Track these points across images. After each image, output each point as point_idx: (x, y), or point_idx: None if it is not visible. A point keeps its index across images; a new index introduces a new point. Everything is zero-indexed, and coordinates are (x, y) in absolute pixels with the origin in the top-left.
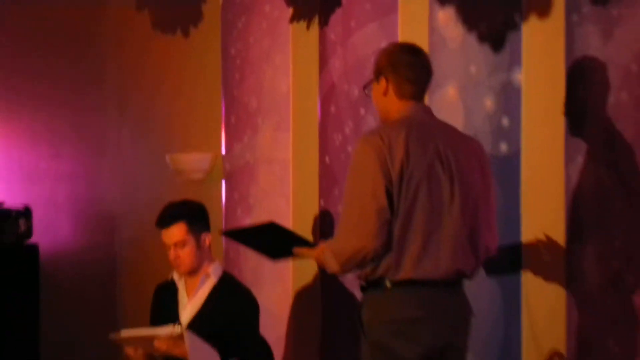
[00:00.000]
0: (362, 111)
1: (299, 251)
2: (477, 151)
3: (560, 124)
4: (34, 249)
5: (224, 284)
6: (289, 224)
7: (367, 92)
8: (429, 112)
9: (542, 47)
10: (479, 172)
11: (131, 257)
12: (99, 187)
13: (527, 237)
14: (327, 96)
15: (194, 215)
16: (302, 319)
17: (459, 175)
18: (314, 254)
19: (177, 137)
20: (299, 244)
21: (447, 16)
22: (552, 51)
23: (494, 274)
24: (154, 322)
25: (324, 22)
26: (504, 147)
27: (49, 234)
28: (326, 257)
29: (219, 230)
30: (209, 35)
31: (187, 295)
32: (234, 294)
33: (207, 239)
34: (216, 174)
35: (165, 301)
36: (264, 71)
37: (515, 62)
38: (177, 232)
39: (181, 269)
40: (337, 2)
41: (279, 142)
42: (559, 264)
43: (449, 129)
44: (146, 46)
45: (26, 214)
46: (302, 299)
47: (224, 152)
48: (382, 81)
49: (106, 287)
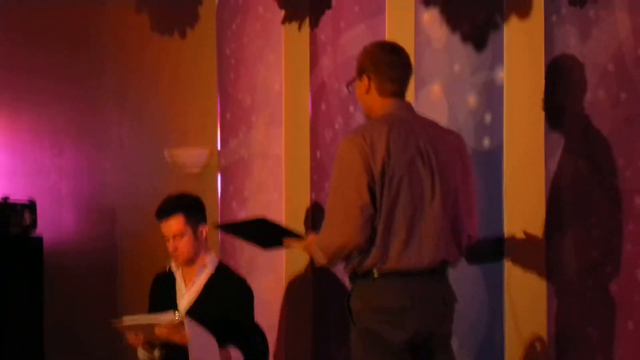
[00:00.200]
0: (352, 108)
1: (289, 242)
2: (456, 144)
3: (540, 120)
4: (39, 241)
5: (221, 273)
6: (281, 215)
7: (350, 90)
8: (410, 108)
9: (522, 47)
10: (459, 165)
11: (132, 248)
12: (101, 181)
13: (509, 227)
14: (318, 94)
15: (192, 207)
16: (294, 307)
17: (439, 169)
18: (303, 246)
19: (174, 133)
20: (289, 236)
21: (431, 17)
22: (532, 50)
23: (478, 262)
24: (152, 310)
25: (315, 24)
26: (486, 142)
27: (53, 226)
28: (314, 250)
29: (214, 223)
30: (205, 35)
31: (185, 284)
32: (230, 283)
33: (204, 230)
34: (212, 168)
35: (163, 290)
36: (258, 70)
37: (497, 61)
38: (175, 223)
39: (179, 259)
40: (327, 4)
41: (272, 138)
42: (540, 253)
43: (429, 125)
44: (145, 46)
45: (31, 207)
46: (294, 288)
47: (219, 147)
48: (365, 79)
49: (108, 276)
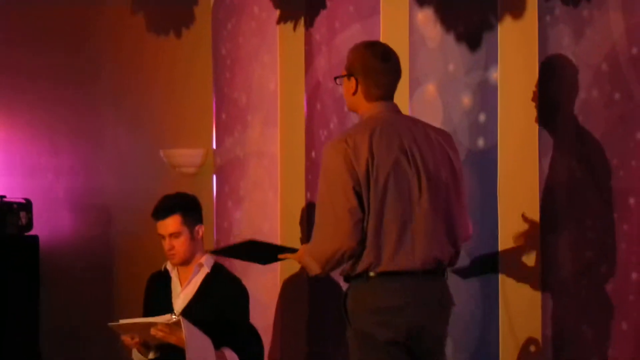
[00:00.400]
0: (347, 108)
1: (284, 256)
2: (444, 142)
3: (534, 120)
4: (34, 240)
5: (216, 273)
6: (277, 215)
7: (338, 83)
8: (395, 109)
9: (516, 47)
10: (447, 163)
11: (127, 248)
12: (97, 181)
13: (504, 228)
14: (313, 93)
15: (188, 207)
16: (290, 307)
17: (425, 168)
18: (296, 258)
19: (170, 133)
20: (281, 251)
21: (426, 17)
22: (526, 50)
23: (472, 263)
24: (147, 310)
25: (310, 24)
26: (481, 142)
27: (49, 226)
28: (307, 261)
29: (207, 250)
30: (201, 35)
31: (180, 284)
32: (226, 283)
33: (200, 230)
34: (207, 168)
35: (158, 290)
36: (253, 69)
37: (491, 60)
38: (172, 223)
39: (175, 259)
40: (322, 4)
41: (268, 137)
42: (534, 253)
43: (414, 124)
44: (140, 46)
45: (27, 206)
46: (289, 289)
47: (215, 146)
48: (353, 81)
49: (103, 276)
